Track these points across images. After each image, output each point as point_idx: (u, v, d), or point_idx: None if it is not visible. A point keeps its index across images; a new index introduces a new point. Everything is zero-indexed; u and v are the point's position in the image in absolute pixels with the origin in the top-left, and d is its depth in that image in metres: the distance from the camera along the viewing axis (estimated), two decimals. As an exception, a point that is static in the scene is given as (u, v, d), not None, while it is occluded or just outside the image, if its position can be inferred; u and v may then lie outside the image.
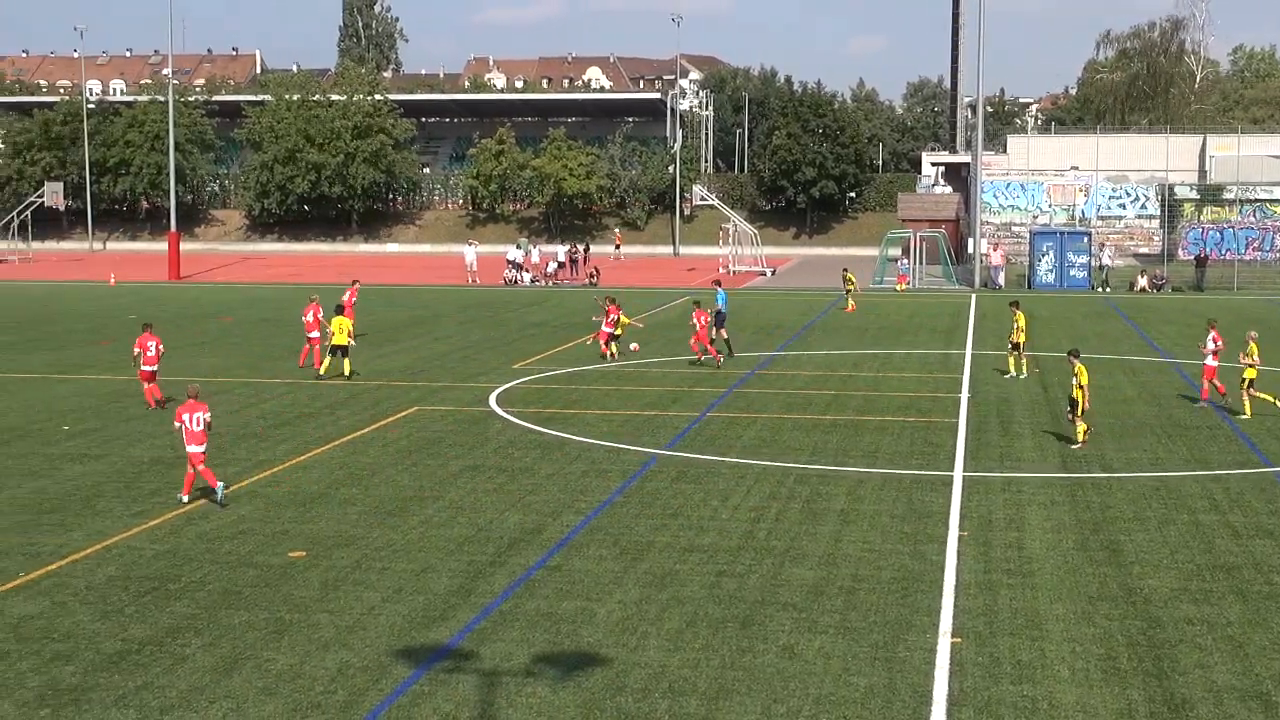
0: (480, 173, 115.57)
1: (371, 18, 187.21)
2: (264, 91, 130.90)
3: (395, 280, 78.20)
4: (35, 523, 22.41)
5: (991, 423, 31.67)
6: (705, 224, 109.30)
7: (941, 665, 16.00)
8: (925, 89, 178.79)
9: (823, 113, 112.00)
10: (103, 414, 32.79)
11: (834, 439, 29.60)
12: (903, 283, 73.42)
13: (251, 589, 18.82)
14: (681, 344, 46.31)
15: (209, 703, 14.85)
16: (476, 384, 37.41)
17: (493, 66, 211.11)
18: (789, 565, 19.98)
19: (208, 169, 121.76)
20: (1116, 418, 32.10)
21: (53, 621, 17.43)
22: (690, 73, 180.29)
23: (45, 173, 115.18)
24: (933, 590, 18.79)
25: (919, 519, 22.71)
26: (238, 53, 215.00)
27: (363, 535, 21.65)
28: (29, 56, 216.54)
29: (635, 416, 32.43)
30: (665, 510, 23.26)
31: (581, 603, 18.19)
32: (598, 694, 15.11)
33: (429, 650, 16.45)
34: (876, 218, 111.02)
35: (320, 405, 33.89)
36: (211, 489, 23.66)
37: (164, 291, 72.31)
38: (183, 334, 50.40)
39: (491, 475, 25.99)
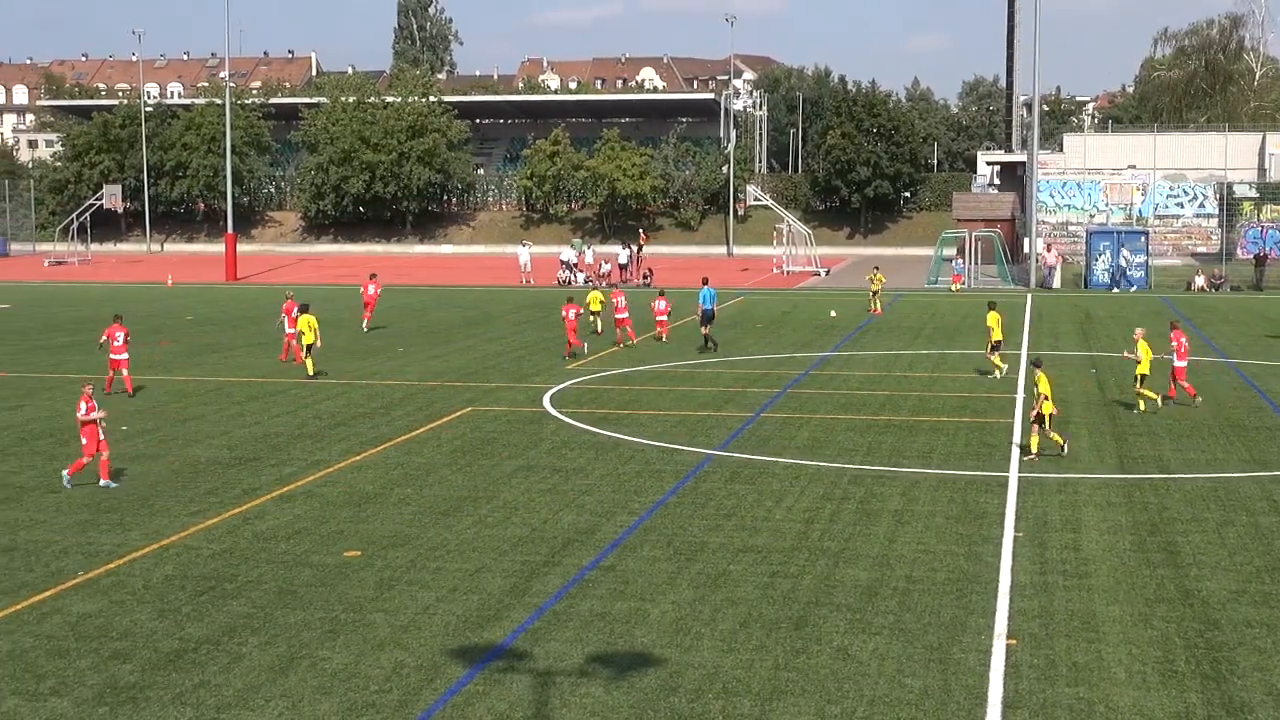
0: (534, 173, 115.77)
1: (426, 20, 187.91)
2: (319, 94, 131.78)
3: (450, 281, 78.46)
4: (94, 522, 22.62)
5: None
6: (759, 224, 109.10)
7: (996, 667, 15.92)
8: (980, 88, 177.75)
9: (877, 112, 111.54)
10: (160, 414, 33.06)
11: (888, 440, 29.49)
12: (957, 282, 73.05)
13: (307, 588, 18.93)
14: (735, 345, 46.28)
15: (265, 701, 14.95)
16: (530, 384, 37.49)
17: (547, 68, 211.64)
18: (843, 566, 19.93)
19: (264, 171, 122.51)
20: (1174, 418, 31.85)
21: (111, 620, 17.59)
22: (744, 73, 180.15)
23: (104, 175, 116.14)
24: (988, 592, 18.70)
25: (974, 520, 22.60)
26: (294, 55, 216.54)
27: (417, 535, 21.73)
28: (88, 60, 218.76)
29: (689, 417, 32.42)
30: (719, 511, 23.24)
31: (635, 603, 18.20)
32: (651, 694, 15.12)
33: (483, 650, 16.49)
34: (931, 217, 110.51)
35: (375, 406, 34.05)
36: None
37: (221, 293, 72.81)
38: (239, 334, 50.78)
39: (545, 475, 26.04)
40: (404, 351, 44.87)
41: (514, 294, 70.42)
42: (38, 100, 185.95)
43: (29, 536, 21.68)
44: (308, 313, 39.21)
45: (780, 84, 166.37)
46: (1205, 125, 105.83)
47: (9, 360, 42.61)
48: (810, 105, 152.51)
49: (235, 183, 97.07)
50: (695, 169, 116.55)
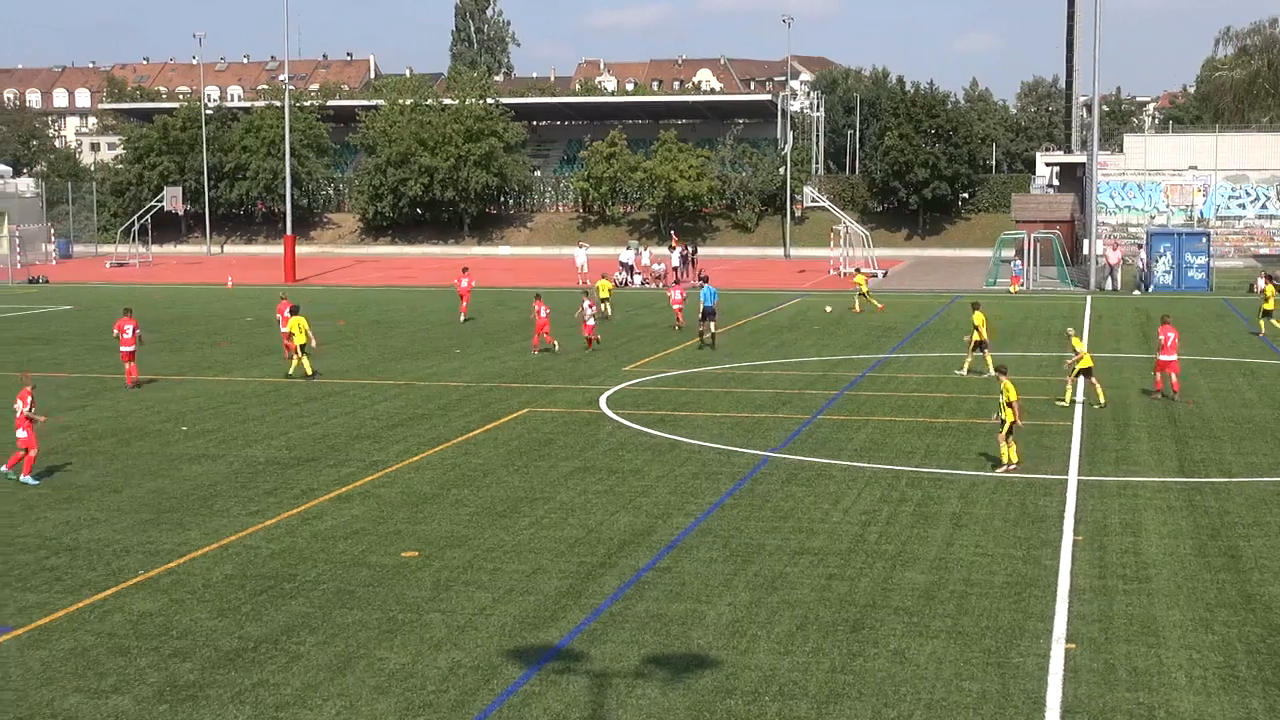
0: (591, 175, 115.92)
1: (483, 22, 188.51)
2: (377, 96, 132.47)
3: (507, 283, 78.65)
4: (155, 521, 22.81)
5: (1107, 426, 31.24)
6: (816, 226, 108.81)
7: (1055, 671, 15.82)
8: (1040, 88, 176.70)
9: (935, 113, 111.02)
10: (220, 414, 33.31)
11: (946, 442, 29.36)
12: (1016, 284, 72.62)
13: (365, 588, 19.03)
14: (791, 347, 46.19)
15: (323, 700, 15.03)
16: (587, 386, 37.54)
17: (603, 69, 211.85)
18: (900, 569, 19.85)
19: (322, 173, 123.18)
20: (1236, 421, 31.57)
21: (171, 619, 17.74)
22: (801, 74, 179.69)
23: (164, 178, 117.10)
24: (1046, 595, 18.58)
25: (1032, 523, 22.47)
26: (352, 58, 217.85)
27: (474, 536, 21.80)
28: (150, 64, 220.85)
29: (746, 419, 32.38)
30: (776, 513, 23.20)
31: (691, 605, 18.19)
32: (707, 696, 15.11)
33: (540, 651, 16.53)
34: (990, 219, 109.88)
35: (433, 407, 34.18)
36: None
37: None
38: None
39: (602, 477, 26.06)
40: (461, 353, 45.03)
41: (572, 295, 70.39)
42: (100, 103, 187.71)
43: (91, 535, 21.89)
44: (298, 314, 39.95)
45: (837, 85, 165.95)
46: (1268, 125, 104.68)
47: (71, 361, 43.03)
48: (867, 106, 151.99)
49: (294, 185, 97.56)
50: (752, 170, 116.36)
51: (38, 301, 67.47)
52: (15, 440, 26.32)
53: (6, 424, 31.90)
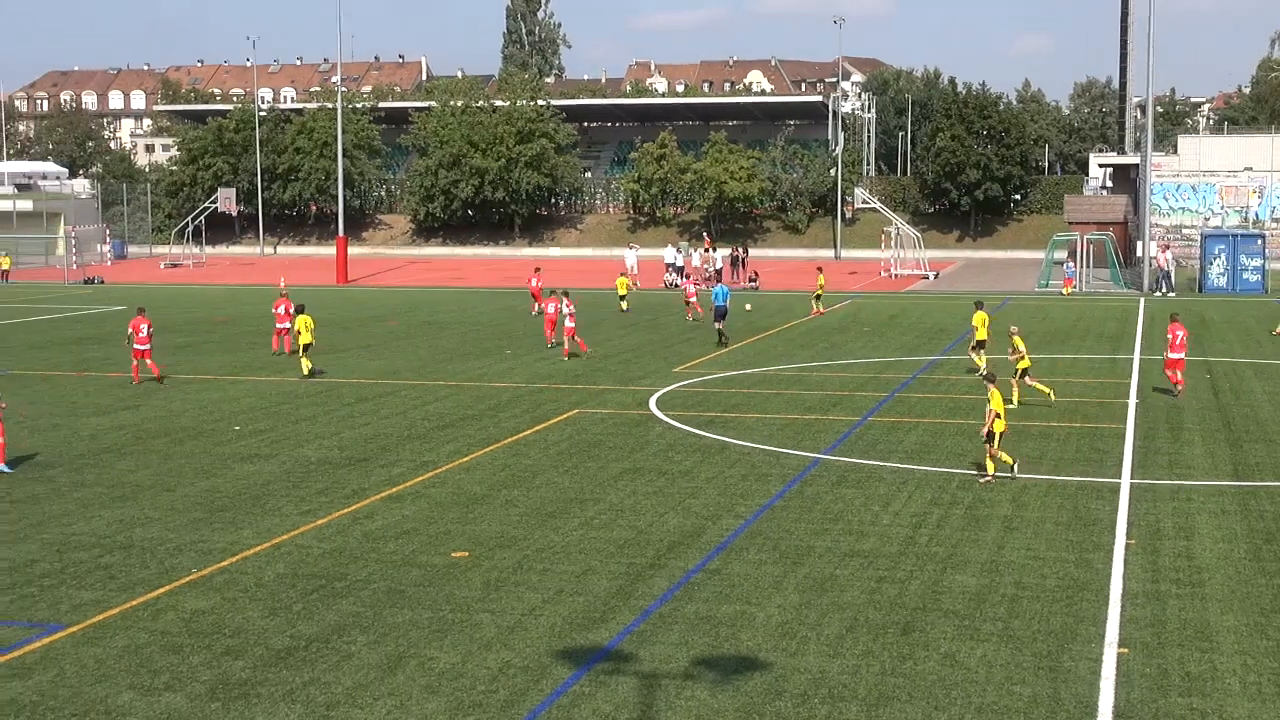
0: (641, 176, 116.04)
1: (535, 24, 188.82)
2: (429, 98, 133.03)
3: (557, 284, 78.67)
4: (207, 520, 22.97)
5: (1160, 429, 31.02)
6: (867, 227, 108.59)
7: (1107, 676, 15.71)
8: (1093, 89, 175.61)
9: (988, 114, 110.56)
10: (273, 414, 33.51)
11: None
12: (1069, 286, 72.21)
13: (415, 588, 19.10)
14: (842, 348, 46.08)
15: (373, 699, 15.09)
16: (637, 387, 37.56)
17: (654, 71, 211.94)
18: (951, 572, 19.77)
19: (374, 174, 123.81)
20: (1291, 425, 31.27)
21: (224, 617, 17.85)
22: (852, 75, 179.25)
23: (218, 179, 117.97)
24: (1098, 599, 18.46)
25: (1084, 526, 22.33)
26: (404, 60, 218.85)
27: (524, 536, 21.84)
28: (204, 66, 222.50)
29: (796, 420, 32.32)
30: (825, 515, 23.14)
31: (741, 606, 18.17)
32: (757, 698, 15.09)
33: (589, 651, 16.54)
34: (1042, 220, 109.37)
35: (483, 408, 34.28)
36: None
37: (332, 294, 73.63)
38: (350, 337, 51.35)
39: (651, 478, 26.07)
40: (511, 354, 45.14)
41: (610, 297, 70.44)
42: (155, 105, 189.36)
43: (144, 534, 22.06)
44: (304, 313, 40.67)
45: (889, 86, 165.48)
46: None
47: (125, 361, 43.32)
48: (919, 107, 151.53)
49: (346, 186, 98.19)
50: (803, 172, 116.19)
51: (93, 302, 68.09)
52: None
53: (42, 424, 32.21)
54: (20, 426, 31.83)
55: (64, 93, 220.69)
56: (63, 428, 31.77)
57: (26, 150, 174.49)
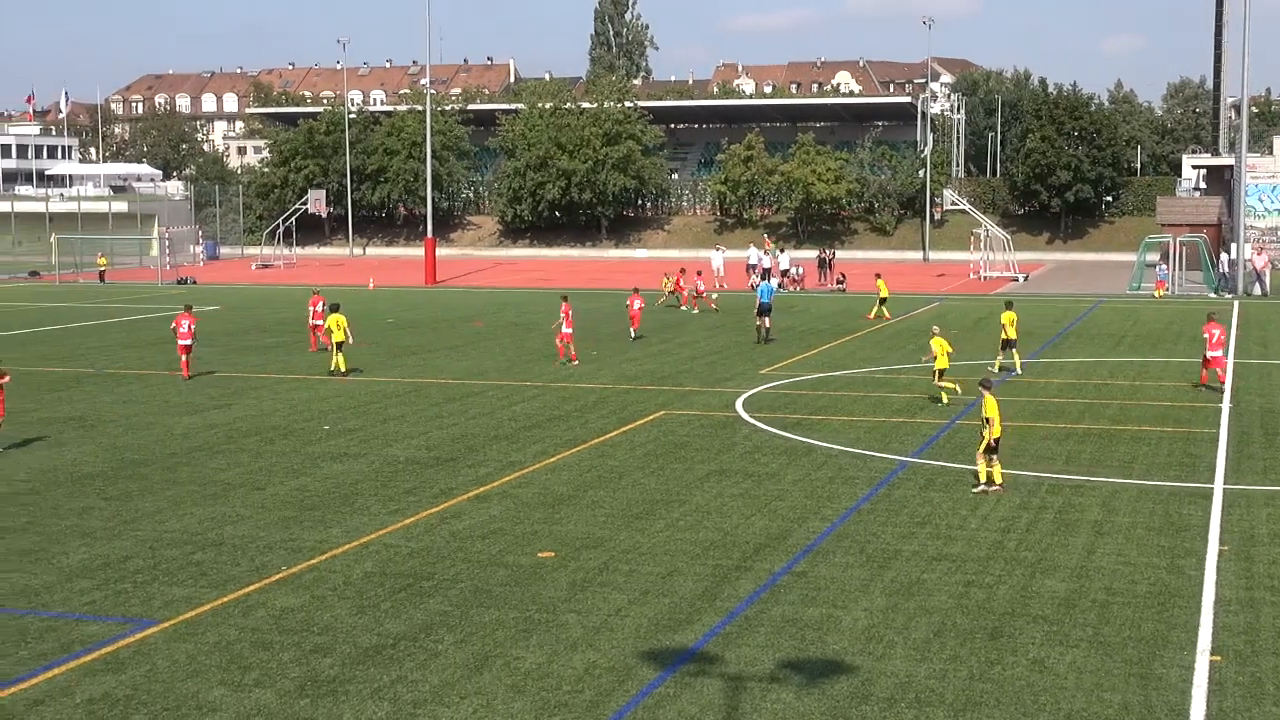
0: (728, 178, 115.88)
1: (622, 26, 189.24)
2: (517, 100, 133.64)
3: (644, 285, 78.74)
4: (297, 519, 23.19)
5: (1255, 434, 30.56)
6: (955, 229, 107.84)
7: (1200, 684, 15.50)
8: (1186, 89, 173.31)
9: (1078, 115, 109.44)
10: (362, 414, 33.78)
11: (1087, 449, 28.92)
12: (1160, 289, 71.31)
13: (502, 588, 19.18)
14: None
15: (460, 698, 15.17)
16: (723, 389, 37.51)
17: (741, 72, 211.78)
18: (1040, 577, 19.58)
19: (462, 176, 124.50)
20: (1390, 430, 30.70)
21: (313, 615, 18.01)
22: (941, 76, 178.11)
23: (308, 180, 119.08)
24: (1191, 606, 18.21)
25: (1176, 532, 22.04)
26: (492, 62, 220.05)
27: (610, 537, 21.88)
28: (295, 69, 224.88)
29: (883, 423, 32.15)
30: (913, 518, 23.00)
31: (827, 610, 18.10)
32: (842, 702, 15.02)
33: (674, 653, 16.54)
34: (1134, 222, 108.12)
35: (570, 409, 34.37)
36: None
37: (420, 295, 74.16)
38: (437, 337, 51.66)
39: (737, 480, 26.03)
40: (598, 355, 45.23)
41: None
42: (247, 108, 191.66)
43: (235, 532, 22.31)
44: (338, 312, 41.33)
45: (978, 87, 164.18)
46: None
47: (218, 360, 43.88)
48: (1009, 108, 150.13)
49: (434, 187, 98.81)
50: (891, 173, 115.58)
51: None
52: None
53: (135, 423, 32.66)
54: (115, 425, 32.36)
55: (158, 96, 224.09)
56: (156, 426, 32.20)
57: (122, 153, 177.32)
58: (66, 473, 26.93)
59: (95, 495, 25.00)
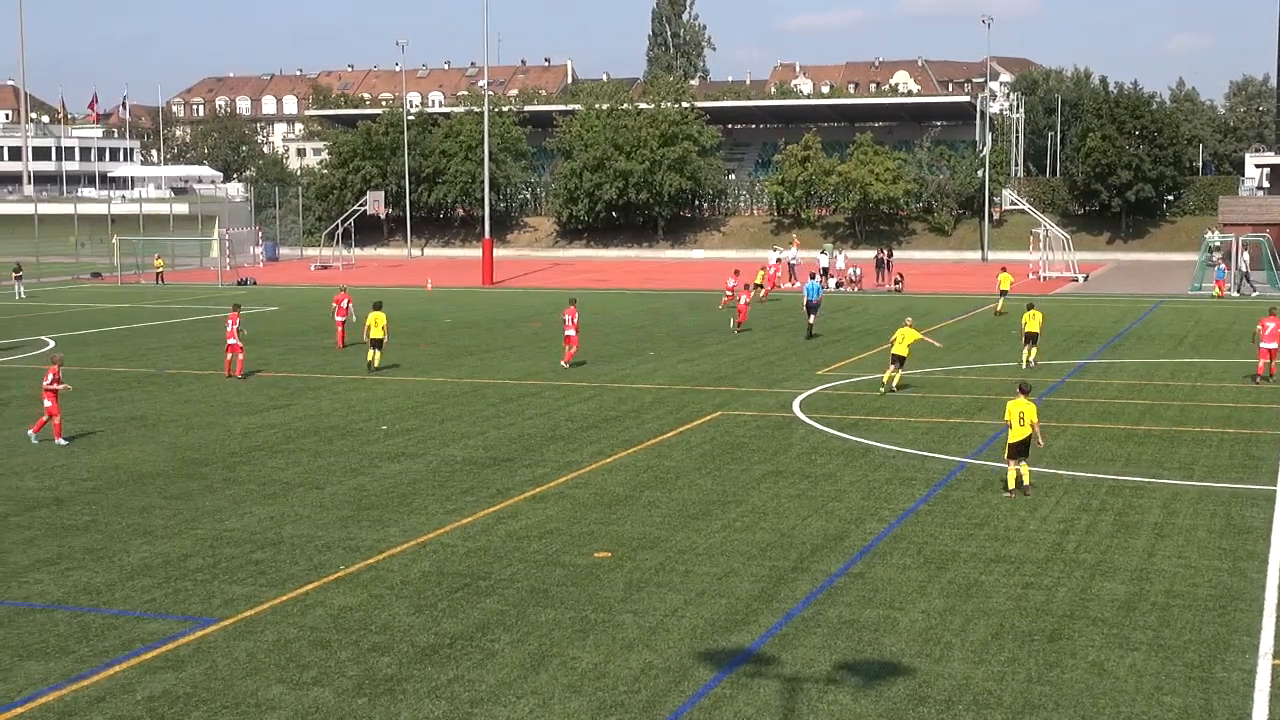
0: (786, 179, 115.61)
1: (680, 27, 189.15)
2: (574, 101, 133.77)
3: (701, 285, 78.79)
4: (355, 518, 23.31)
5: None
6: (1014, 229, 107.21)
7: (1261, 688, 15.35)
8: (1249, 87, 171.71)
9: (1139, 113, 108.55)
10: (420, 414, 33.91)
11: (1148, 450, 28.68)
12: (1220, 289, 70.63)
13: (558, 588, 19.21)
14: (989, 351, 45.56)
15: (516, 698, 15.20)
16: (780, 389, 37.44)
17: (799, 72, 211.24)
18: (1099, 579, 19.44)
19: (520, 177, 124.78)
20: None
21: (370, 614, 18.10)
22: (1000, 75, 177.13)
23: (367, 182, 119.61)
24: (1253, 609, 18.04)
25: (1238, 535, 21.83)
26: (550, 64, 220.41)
27: (666, 537, 21.87)
28: (354, 71, 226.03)
29: (940, 424, 32.00)
30: (971, 520, 22.88)
31: (884, 611, 18.03)
32: (900, 704, 14.96)
33: (731, 654, 16.52)
34: (1196, 221, 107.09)
35: (626, 409, 34.39)
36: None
37: (477, 296, 74.40)
38: (495, 337, 51.80)
39: (794, 481, 25.97)
40: (654, 355, 45.24)
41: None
42: (306, 110, 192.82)
43: (294, 531, 22.45)
44: (380, 310, 42.04)
45: (1038, 86, 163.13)
46: None
47: (276, 360, 44.18)
48: (1069, 107, 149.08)
49: (492, 188, 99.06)
50: (950, 173, 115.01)
51: (245, 302, 69.25)
52: (46, 410, 30.04)
53: (196, 422, 32.92)
54: (176, 425, 32.63)
55: (219, 98, 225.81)
56: (216, 426, 32.45)
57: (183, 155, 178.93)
58: (128, 472, 27.18)
59: (156, 494, 25.22)
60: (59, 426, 30.13)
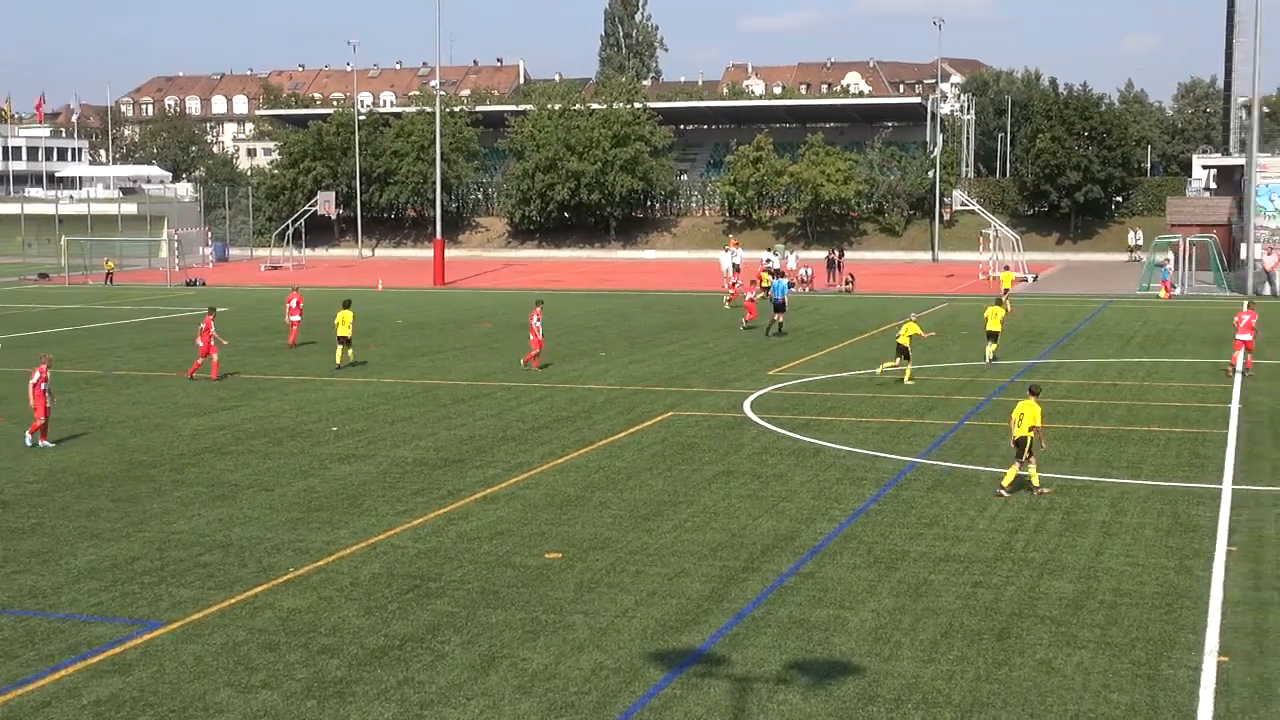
0: (737, 179, 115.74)
1: (632, 27, 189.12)
2: (527, 101, 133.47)
3: (652, 286, 78.83)
4: (305, 520, 23.21)
5: (1263, 434, 30.52)
6: (965, 230, 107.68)
7: (1207, 685, 15.48)
8: (1197, 89, 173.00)
9: (1089, 115, 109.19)
10: (370, 415, 33.80)
11: (1096, 449, 28.88)
12: (1166, 289, 71.15)
13: (509, 589, 19.18)
14: (939, 351, 45.75)
15: (466, 699, 15.18)
16: (731, 390, 37.51)
17: (751, 73, 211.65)
18: (1047, 578, 19.56)
19: (471, 178, 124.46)
20: (1400, 431, 30.64)
21: (320, 616, 18.03)
22: (951, 76, 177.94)
23: (317, 182, 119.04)
24: (1198, 607, 18.18)
25: (1185, 533, 22.01)
26: (502, 64, 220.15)
27: (617, 538, 21.87)
28: (305, 70, 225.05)
29: (891, 424, 32.12)
30: (920, 519, 22.98)
31: (834, 611, 18.09)
32: (849, 703, 15.01)
33: (681, 654, 16.54)
34: (1144, 222, 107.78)
35: (577, 410, 34.37)
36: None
37: (429, 297, 74.19)
38: (446, 338, 51.68)
39: (745, 481, 26.02)
40: (606, 356, 45.24)
41: (716, 299, 70.41)
42: (256, 110, 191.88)
43: (243, 533, 22.33)
44: (349, 308, 42.84)
45: (988, 87, 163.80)
46: None
47: (226, 362, 43.85)
48: (1019, 109, 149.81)
49: (444, 189, 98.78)
50: (900, 173, 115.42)
51: (195, 303, 68.94)
52: (35, 411, 29.91)
53: (144, 424, 32.70)
54: (124, 426, 32.40)
55: (168, 98, 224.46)
56: (165, 428, 32.25)
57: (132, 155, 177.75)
58: (75, 474, 26.98)
59: (104, 496, 25.04)
60: (39, 426, 29.99)
